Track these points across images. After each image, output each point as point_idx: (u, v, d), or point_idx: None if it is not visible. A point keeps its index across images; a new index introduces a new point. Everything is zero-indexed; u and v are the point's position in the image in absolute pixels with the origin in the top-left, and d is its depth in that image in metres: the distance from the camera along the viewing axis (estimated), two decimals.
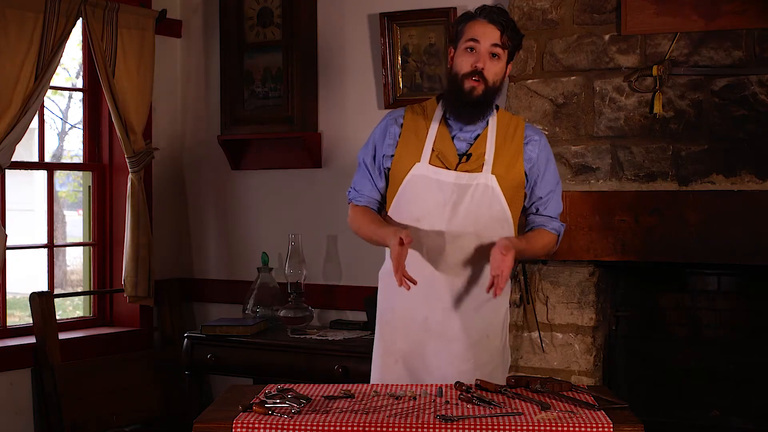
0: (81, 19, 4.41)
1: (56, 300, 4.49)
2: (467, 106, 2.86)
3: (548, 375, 3.79)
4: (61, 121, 6.09)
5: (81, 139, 4.96)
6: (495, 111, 2.96)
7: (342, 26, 4.67)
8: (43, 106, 4.60)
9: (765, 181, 3.57)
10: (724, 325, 3.93)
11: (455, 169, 2.87)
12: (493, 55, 2.84)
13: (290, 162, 4.77)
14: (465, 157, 2.88)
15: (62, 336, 4.50)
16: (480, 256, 2.88)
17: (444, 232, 2.86)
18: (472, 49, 2.84)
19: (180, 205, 5.14)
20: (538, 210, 2.99)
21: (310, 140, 4.65)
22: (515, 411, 2.35)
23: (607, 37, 3.82)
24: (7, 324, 4.53)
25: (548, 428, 2.24)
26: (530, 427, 2.25)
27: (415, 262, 2.85)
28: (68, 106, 6.10)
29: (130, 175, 4.66)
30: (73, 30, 4.39)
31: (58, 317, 4.49)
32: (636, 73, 3.76)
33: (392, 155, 2.95)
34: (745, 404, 3.84)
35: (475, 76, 2.83)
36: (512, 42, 2.88)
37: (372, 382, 3.05)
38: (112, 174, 4.91)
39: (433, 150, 2.89)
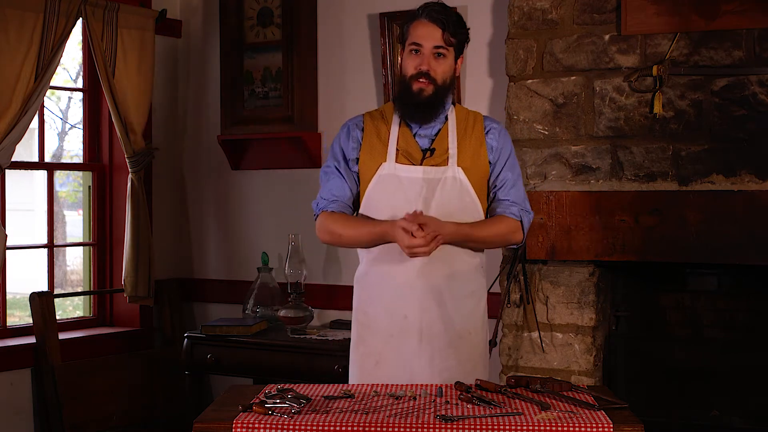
0: (81, 19, 4.41)
1: (56, 300, 4.49)
2: (419, 107, 2.89)
3: (548, 375, 3.79)
4: (61, 121, 6.09)
5: (81, 139, 4.96)
6: (453, 106, 2.99)
7: (342, 26, 4.67)
8: (43, 106, 4.60)
9: (765, 181, 3.57)
10: (724, 325, 3.93)
11: (421, 164, 2.90)
12: (438, 54, 2.88)
13: (290, 162, 4.77)
14: (429, 152, 2.91)
15: (62, 336, 4.51)
16: (456, 249, 2.89)
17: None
18: (416, 51, 2.88)
19: (180, 205, 5.15)
20: (496, 195, 2.98)
21: (310, 140, 4.65)
22: (515, 411, 2.35)
23: (607, 37, 3.82)
24: (7, 324, 4.53)
25: (548, 428, 2.24)
26: (530, 427, 2.25)
27: (391, 259, 2.88)
28: (68, 106, 6.10)
29: (130, 175, 4.66)
30: (73, 30, 4.39)
31: (58, 317, 4.49)
32: (636, 73, 3.76)
33: (357, 158, 2.97)
34: (745, 404, 3.84)
35: (422, 77, 2.86)
36: (456, 38, 2.89)
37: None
38: (112, 174, 4.92)
39: (397, 149, 2.92)
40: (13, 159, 4.21)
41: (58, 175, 5.31)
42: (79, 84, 5.08)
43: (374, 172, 2.92)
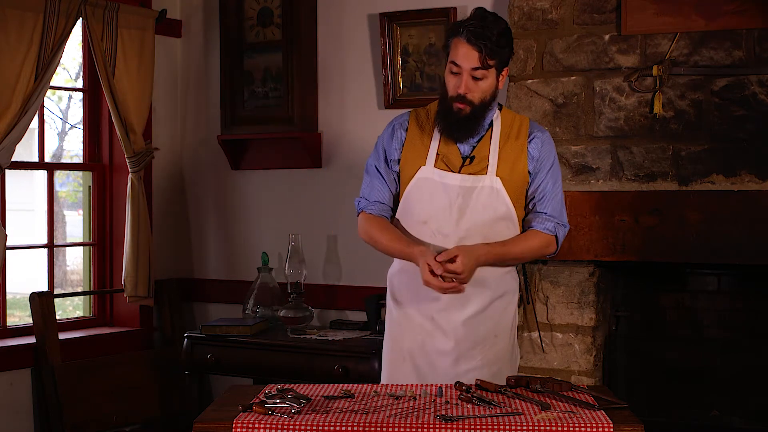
0: (81, 19, 4.41)
1: (56, 300, 4.49)
2: (457, 124, 2.89)
3: (548, 375, 3.79)
4: (61, 121, 6.09)
5: (81, 139, 4.96)
6: (498, 111, 2.98)
7: (342, 26, 4.67)
8: (43, 106, 4.60)
9: (765, 181, 3.57)
10: (724, 325, 3.93)
11: (459, 172, 2.90)
12: (475, 78, 2.84)
13: (290, 162, 4.77)
14: (468, 160, 2.91)
15: (62, 336, 4.50)
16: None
17: (451, 234, 2.88)
18: (455, 72, 2.86)
19: (180, 204, 5.14)
20: (534, 206, 2.98)
21: (310, 140, 4.65)
22: (515, 411, 2.35)
23: (607, 37, 3.82)
24: (7, 324, 4.53)
25: (548, 428, 2.24)
26: (530, 427, 2.25)
27: None
28: (68, 106, 6.10)
29: (130, 175, 4.66)
30: (73, 30, 4.39)
31: (58, 317, 4.49)
32: (636, 73, 3.76)
33: (398, 159, 2.98)
34: (745, 404, 3.84)
35: (459, 100, 2.85)
36: (496, 58, 2.84)
37: (382, 380, 3.08)
38: (112, 174, 4.91)
39: (437, 153, 2.92)
40: (13, 159, 4.21)
41: (58, 175, 5.31)
42: (79, 84, 5.08)
43: (413, 174, 2.94)
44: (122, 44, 4.56)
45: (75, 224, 6.12)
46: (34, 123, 4.43)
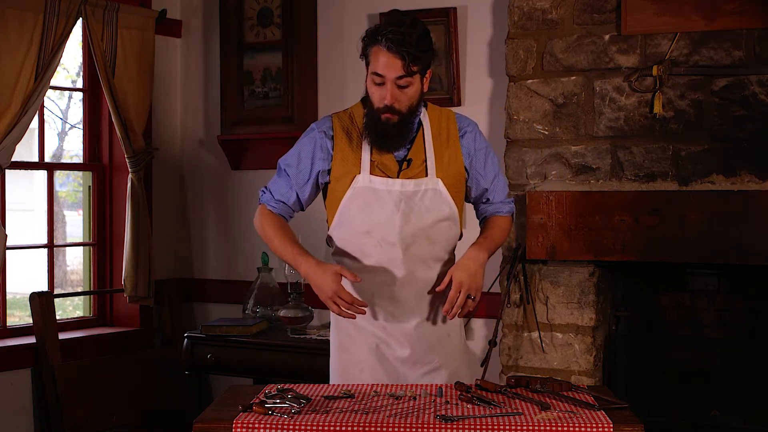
0: (81, 19, 4.41)
1: (56, 300, 4.49)
2: (387, 135, 2.79)
3: (548, 375, 3.79)
4: (61, 121, 6.09)
5: (81, 139, 4.96)
6: (425, 109, 2.90)
7: (342, 26, 4.67)
8: (43, 106, 4.60)
9: (765, 181, 3.57)
10: (724, 325, 3.93)
11: (398, 177, 2.83)
12: (400, 86, 2.73)
13: None
14: (405, 164, 2.84)
15: (62, 336, 4.51)
16: (432, 257, 2.87)
17: (396, 241, 2.82)
18: (378, 83, 2.75)
19: (180, 205, 5.14)
20: (488, 200, 2.98)
21: None
22: (515, 411, 2.35)
23: (607, 37, 3.82)
24: (7, 324, 4.53)
25: (548, 428, 2.24)
26: (530, 427, 2.25)
27: (371, 272, 2.85)
28: (68, 106, 6.10)
29: (130, 175, 4.66)
30: (73, 30, 4.39)
31: (58, 317, 4.49)
32: (636, 73, 3.76)
33: (329, 170, 2.88)
34: (745, 404, 3.84)
35: (387, 111, 2.75)
36: (419, 63, 2.74)
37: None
38: (112, 174, 4.91)
39: (372, 160, 2.83)
40: (13, 159, 4.21)
41: (58, 175, 5.31)
42: (79, 84, 5.08)
43: (348, 185, 2.83)
44: (122, 44, 4.56)
45: (75, 224, 6.12)
46: (34, 123, 4.43)
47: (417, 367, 2.90)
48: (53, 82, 4.54)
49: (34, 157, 4.76)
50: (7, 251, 4.26)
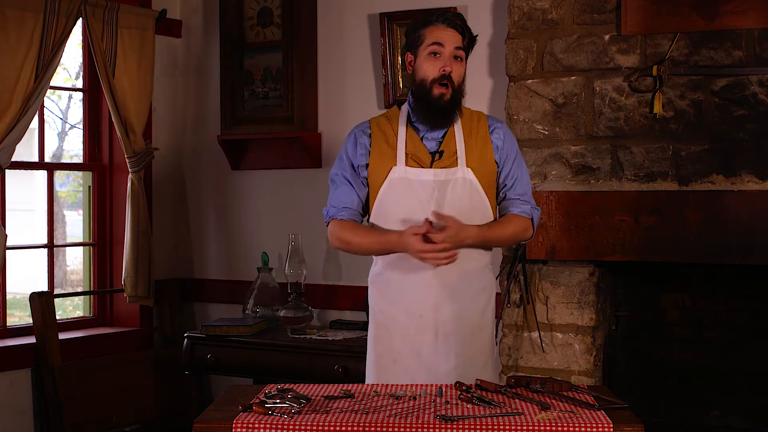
0: (81, 19, 4.41)
1: (56, 300, 4.49)
2: (438, 112, 2.94)
3: (548, 375, 3.79)
4: (61, 121, 6.09)
5: (81, 139, 4.96)
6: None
7: (342, 26, 4.67)
8: (43, 106, 4.60)
9: (765, 181, 3.57)
10: (724, 325, 3.93)
11: (431, 167, 2.94)
12: (457, 57, 2.93)
13: (290, 162, 4.77)
14: (438, 155, 2.96)
15: (62, 336, 4.51)
16: (466, 248, 2.93)
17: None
18: (436, 53, 2.92)
19: (180, 205, 5.15)
20: (506, 195, 3.05)
21: (310, 140, 4.65)
22: (515, 411, 2.35)
23: (607, 37, 3.82)
24: (7, 324, 4.53)
25: (548, 428, 2.24)
26: (530, 427, 2.25)
27: (405, 261, 2.92)
28: (68, 106, 6.10)
29: (130, 175, 4.66)
30: (73, 30, 4.39)
31: (58, 317, 4.49)
32: (636, 73, 3.76)
33: (367, 164, 3.01)
34: (745, 404, 3.84)
35: (444, 80, 2.91)
36: (468, 41, 2.97)
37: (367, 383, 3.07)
38: (112, 174, 4.92)
39: (406, 153, 2.96)
40: (13, 159, 4.21)
41: (58, 175, 5.31)
42: (79, 84, 5.08)
43: (385, 176, 2.97)
44: (122, 44, 4.56)
45: (75, 224, 6.12)
46: (34, 123, 4.43)
47: (449, 359, 2.95)
48: (53, 82, 4.54)
49: (34, 157, 4.76)
50: (7, 251, 4.26)
